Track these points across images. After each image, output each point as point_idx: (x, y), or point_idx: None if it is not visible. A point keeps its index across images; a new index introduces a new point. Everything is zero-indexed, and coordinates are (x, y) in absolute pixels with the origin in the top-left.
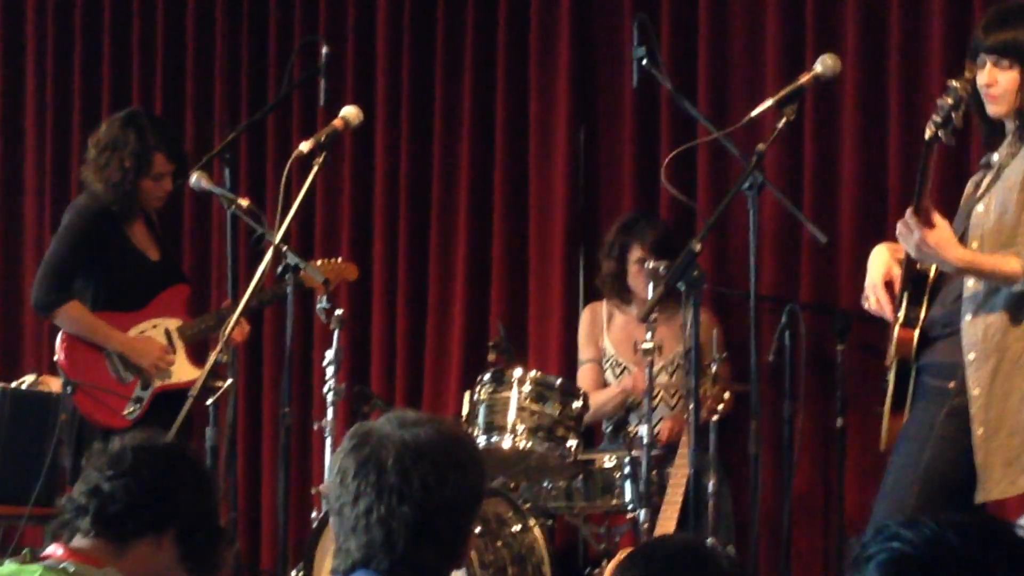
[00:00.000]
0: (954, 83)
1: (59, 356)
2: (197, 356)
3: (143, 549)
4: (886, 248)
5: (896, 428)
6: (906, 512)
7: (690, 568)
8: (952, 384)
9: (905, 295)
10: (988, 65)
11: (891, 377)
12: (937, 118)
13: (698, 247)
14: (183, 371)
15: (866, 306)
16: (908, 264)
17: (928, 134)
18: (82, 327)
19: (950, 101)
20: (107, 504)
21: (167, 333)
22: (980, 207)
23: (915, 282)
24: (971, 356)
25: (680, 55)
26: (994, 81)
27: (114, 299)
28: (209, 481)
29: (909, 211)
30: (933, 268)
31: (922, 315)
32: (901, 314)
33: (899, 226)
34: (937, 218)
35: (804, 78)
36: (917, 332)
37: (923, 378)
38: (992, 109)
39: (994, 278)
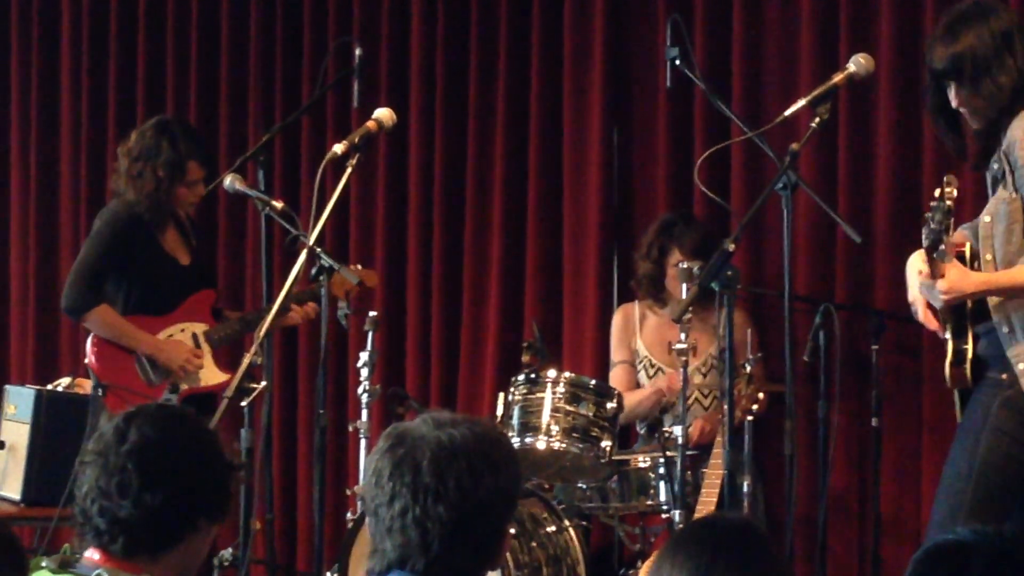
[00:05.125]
0: (936, 203)
1: (90, 359)
2: (225, 360)
3: (179, 547)
4: (920, 256)
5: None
6: (964, 505)
7: (742, 546)
8: (1005, 376)
9: (948, 328)
10: (952, 87)
11: (956, 397)
12: (928, 239)
13: (732, 247)
14: (211, 375)
15: (918, 319)
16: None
17: (924, 243)
18: (111, 330)
19: (936, 224)
20: (133, 531)
21: (194, 337)
22: (986, 217)
23: (956, 313)
24: (1021, 367)
25: (714, 55)
26: (960, 102)
27: (144, 303)
28: (215, 446)
29: (925, 274)
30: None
31: (969, 348)
32: (949, 351)
33: (921, 290)
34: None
35: (838, 77)
36: (969, 367)
37: (981, 368)
38: (974, 125)
39: (1012, 293)
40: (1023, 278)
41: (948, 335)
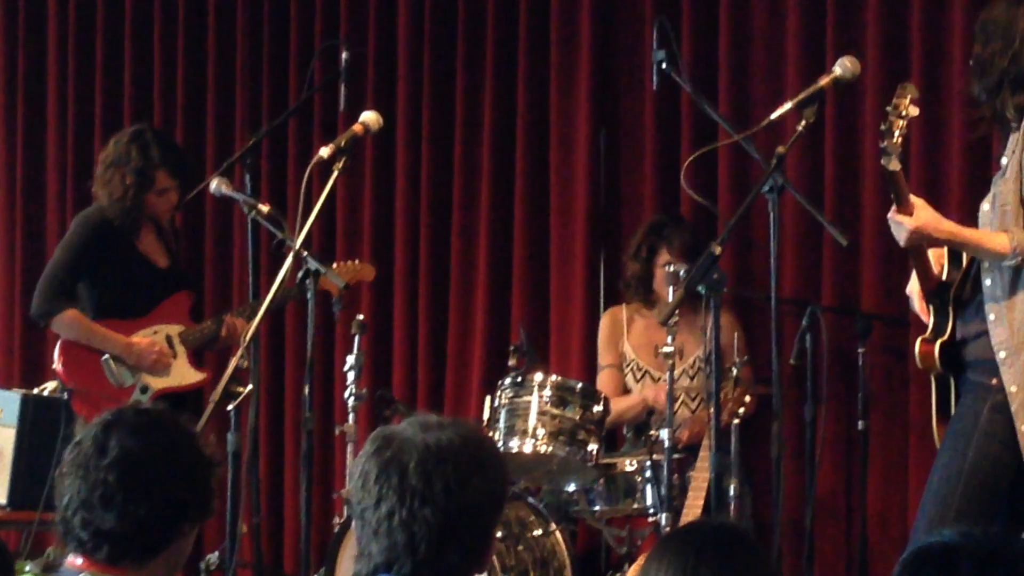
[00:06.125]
0: (887, 107)
1: (56, 365)
2: (202, 361)
3: (165, 553)
4: (934, 253)
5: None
6: (952, 508)
7: (727, 549)
8: (995, 381)
9: (931, 308)
10: None
11: (933, 386)
12: (881, 143)
13: (718, 250)
14: (185, 374)
15: (914, 309)
16: (926, 276)
17: (882, 159)
18: (79, 332)
19: (882, 127)
20: (118, 541)
21: (168, 339)
22: (985, 205)
23: (939, 294)
24: (1002, 355)
25: (700, 58)
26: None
27: (117, 305)
28: (196, 447)
29: (893, 209)
30: (956, 277)
31: (949, 325)
32: (928, 328)
33: (891, 225)
34: (915, 201)
35: (824, 80)
36: (939, 344)
37: (967, 375)
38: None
39: (980, 252)
40: (990, 242)
41: (931, 314)
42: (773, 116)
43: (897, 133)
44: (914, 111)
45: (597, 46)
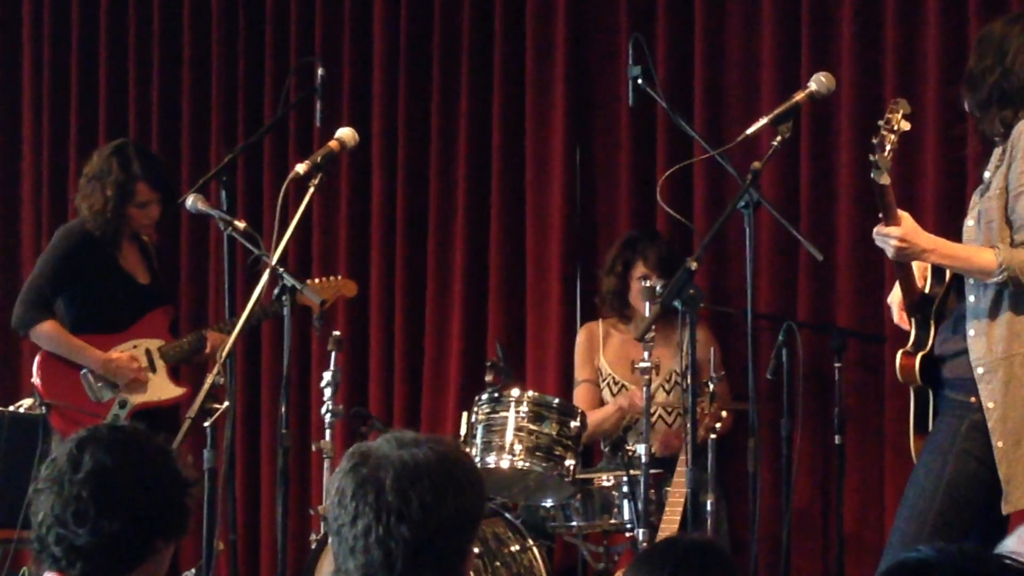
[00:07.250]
0: (880, 122)
1: (35, 378)
2: (179, 376)
3: (139, 570)
4: (915, 268)
5: (921, 448)
6: (927, 525)
7: (704, 565)
8: (973, 399)
9: (913, 321)
10: None
11: (911, 400)
12: (872, 157)
13: (694, 265)
14: (164, 390)
15: (895, 320)
16: (910, 290)
17: (873, 173)
18: (58, 345)
19: (874, 141)
20: (91, 558)
21: (148, 353)
22: (970, 222)
23: (921, 307)
24: (980, 370)
25: (676, 74)
26: None
27: (97, 319)
28: (171, 466)
29: (880, 224)
30: (939, 292)
31: (930, 339)
32: (910, 341)
33: (875, 238)
34: (903, 215)
35: (799, 96)
36: (919, 358)
37: (945, 392)
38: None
39: (966, 268)
40: (976, 258)
41: (912, 327)
42: (749, 131)
43: (888, 147)
44: (906, 126)
45: (572, 62)
